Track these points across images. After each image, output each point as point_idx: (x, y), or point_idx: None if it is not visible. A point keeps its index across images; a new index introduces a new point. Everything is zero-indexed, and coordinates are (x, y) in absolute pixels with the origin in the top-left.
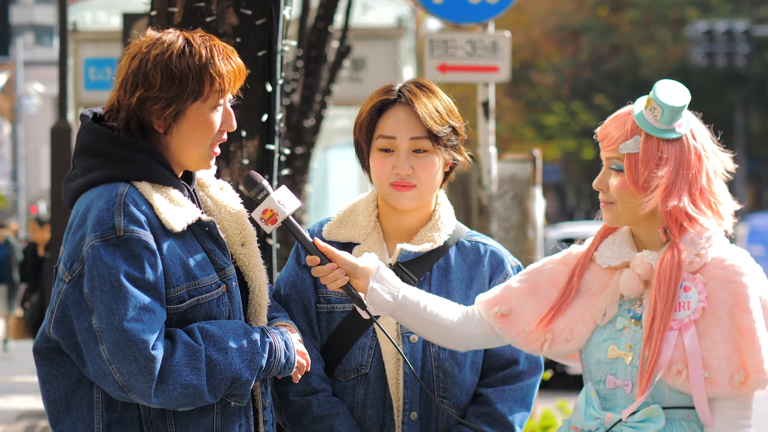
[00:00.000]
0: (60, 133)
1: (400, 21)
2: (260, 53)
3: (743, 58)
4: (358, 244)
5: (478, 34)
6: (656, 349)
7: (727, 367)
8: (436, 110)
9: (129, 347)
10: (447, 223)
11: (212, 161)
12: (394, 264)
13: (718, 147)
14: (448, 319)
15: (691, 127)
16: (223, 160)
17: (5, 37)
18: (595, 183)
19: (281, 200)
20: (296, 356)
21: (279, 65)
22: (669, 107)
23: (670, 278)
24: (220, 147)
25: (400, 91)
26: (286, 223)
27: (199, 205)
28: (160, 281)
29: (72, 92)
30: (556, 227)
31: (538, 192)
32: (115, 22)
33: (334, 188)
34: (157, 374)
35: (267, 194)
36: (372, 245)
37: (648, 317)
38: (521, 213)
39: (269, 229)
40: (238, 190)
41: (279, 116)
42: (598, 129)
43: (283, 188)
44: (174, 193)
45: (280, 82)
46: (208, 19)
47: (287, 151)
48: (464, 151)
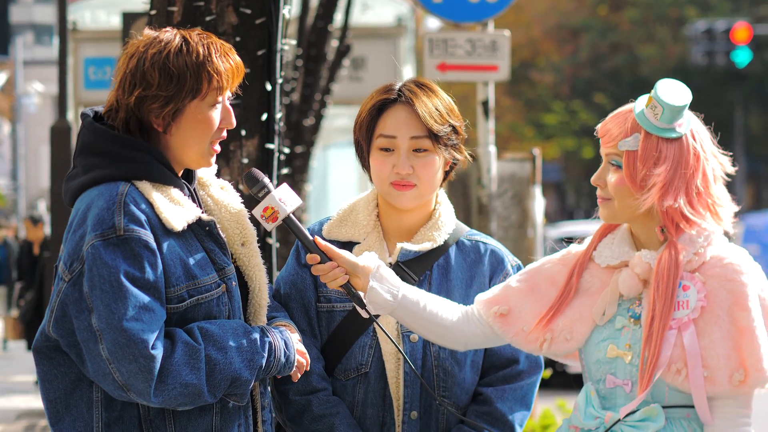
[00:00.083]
0: (60, 133)
1: (399, 20)
2: (260, 52)
3: None
4: (359, 243)
5: (477, 33)
6: (656, 348)
7: (726, 366)
8: (437, 109)
9: (128, 346)
10: (447, 222)
11: (212, 159)
12: (394, 263)
13: (718, 149)
14: (447, 318)
15: (692, 128)
16: (223, 159)
17: (5, 37)
18: (593, 178)
19: (282, 198)
20: (296, 355)
21: (278, 64)
22: (670, 106)
23: (669, 277)
24: (220, 146)
25: (400, 90)
26: (287, 220)
27: (199, 205)
28: (160, 281)
29: (72, 91)
30: (555, 226)
31: (537, 191)
32: (115, 21)
33: (333, 187)
34: (156, 373)
35: (268, 192)
36: (372, 244)
37: (647, 316)
38: (521, 212)
39: (270, 226)
40: (238, 189)
41: (279, 115)
42: (598, 126)
43: (284, 186)
44: (174, 192)
45: (280, 81)
46: (207, 18)
47: (287, 150)
48: (464, 150)
